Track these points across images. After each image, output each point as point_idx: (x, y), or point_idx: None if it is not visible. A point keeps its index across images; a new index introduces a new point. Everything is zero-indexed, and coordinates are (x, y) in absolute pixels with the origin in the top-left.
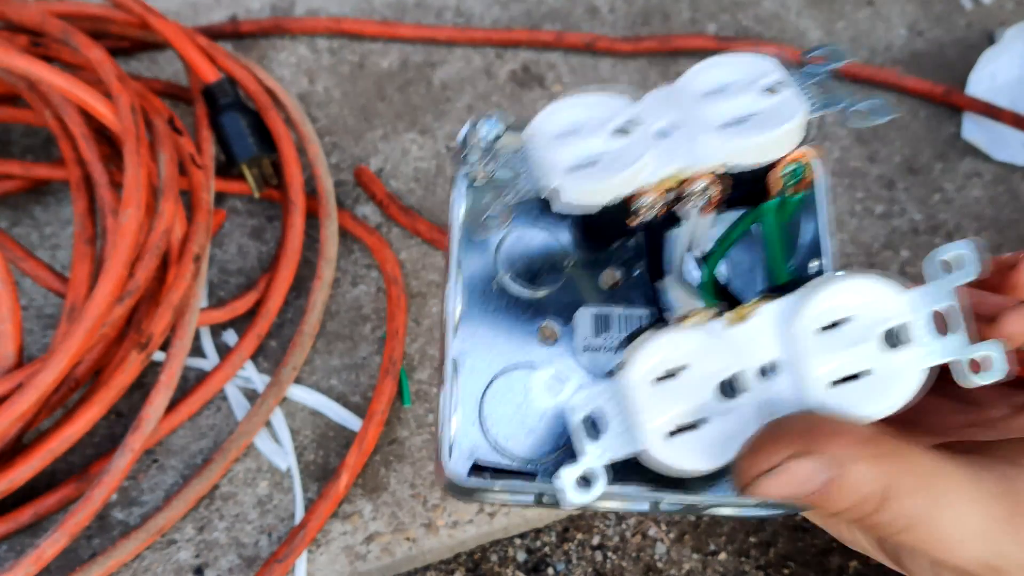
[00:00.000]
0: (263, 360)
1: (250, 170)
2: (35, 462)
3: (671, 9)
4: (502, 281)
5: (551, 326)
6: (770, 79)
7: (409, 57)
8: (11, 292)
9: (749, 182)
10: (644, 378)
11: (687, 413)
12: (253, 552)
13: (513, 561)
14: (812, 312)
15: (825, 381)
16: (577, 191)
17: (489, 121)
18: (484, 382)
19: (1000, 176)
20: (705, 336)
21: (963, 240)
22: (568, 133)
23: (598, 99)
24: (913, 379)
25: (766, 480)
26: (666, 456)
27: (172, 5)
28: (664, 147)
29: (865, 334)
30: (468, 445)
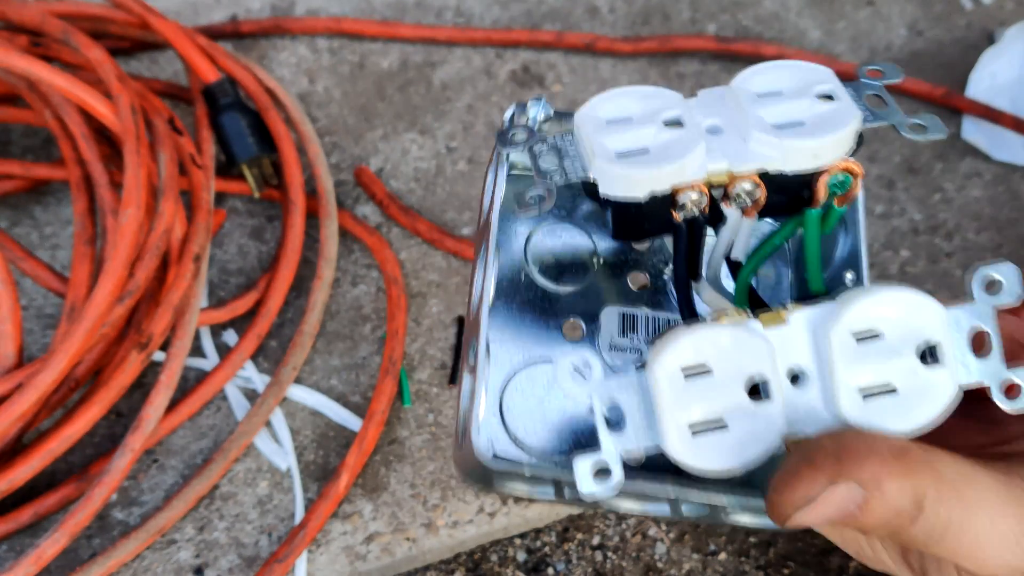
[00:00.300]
0: (263, 360)
1: (250, 170)
2: (35, 462)
3: (671, 9)
4: (530, 275)
5: (577, 323)
6: (825, 87)
7: (409, 57)
8: (11, 292)
9: (795, 188)
10: (673, 372)
11: (713, 412)
12: (253, 552)
13: (513, 561)
14: (850, 320)
15: (856, 392)
16: (625, 177)
17: (538, 102)
18: (506, 375)
19: (1000, 176)
20: (741, 334)
21: (1007, 262)
22: (619, 121)
23: (652, 91)
24: (945, 397)
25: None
26: (686, 454)
27: (172, 5)
28: (715, 143)
29: (900, 348)
30: (487, 436)
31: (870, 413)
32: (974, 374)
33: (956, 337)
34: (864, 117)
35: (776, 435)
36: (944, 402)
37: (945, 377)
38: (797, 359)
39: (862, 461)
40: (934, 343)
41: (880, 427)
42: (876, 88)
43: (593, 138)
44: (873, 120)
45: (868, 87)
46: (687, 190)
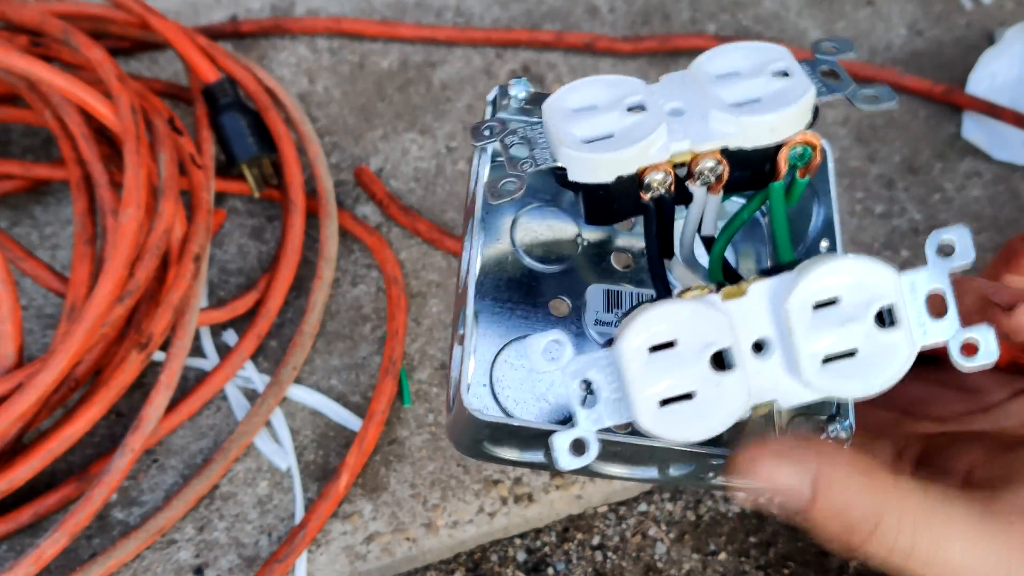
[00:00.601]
0: (263, 360)
1: (250, 170)
2: (35, 462)
3: (671, 9)
4: (517, 255)
5: (563, 301)
6: (780, 64)
7: (409, 57)
8: (11, 292)
9: (758, 162)
10: (638, 348)
11: (678, 383)
12: (253, 552)
13: (513, 561)
14: (805, 289)
15: (816, 358)
16: (592, 162)
17: (519, 82)
18: (496, 348)
19: (1000, 176)
20: (700, 308)
21: (959, 225)
22: (585, 109)
23: (616, 79)
24: (903, 358)
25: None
26: (655, 425)
27: (172, 5)
28: (677, 124)
29: (857, 313)
30: (479, 406)
31: (831, 377)
32: (932, 335)
33: (913, 300)
34: (818, 91)
35: (740, 402)
36: (902, 362)
37: (901, 338)
38: (759, 329)
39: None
40: (888, 306)
41: (841, 390)
42: (831, 63)
43: (560, 127)
44: (827, 93)
45: (823, 63)
46: (652, 171)
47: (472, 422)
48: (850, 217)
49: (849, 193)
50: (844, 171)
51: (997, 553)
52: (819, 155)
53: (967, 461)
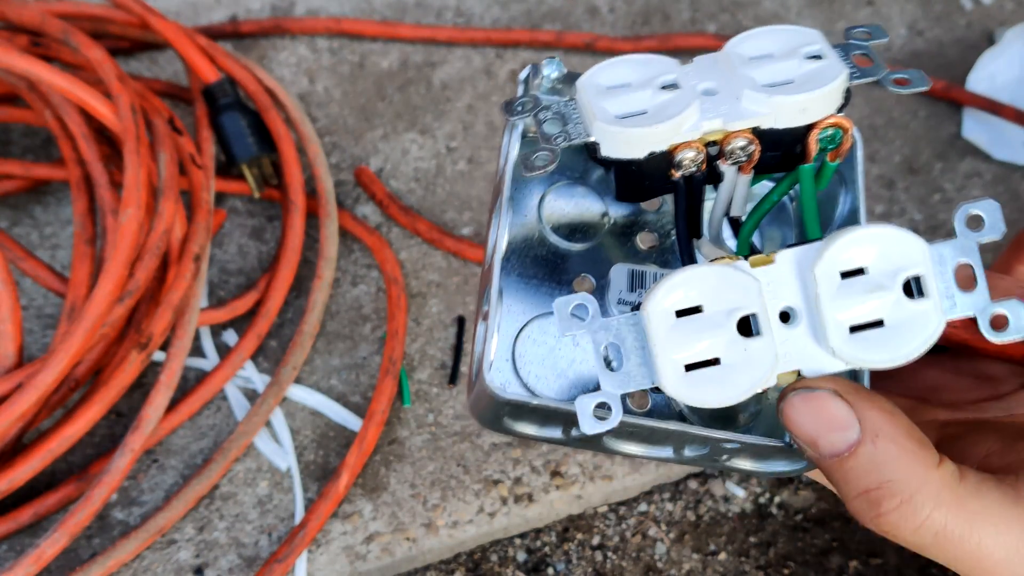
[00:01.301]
0: (263, 360)
1: (250, 170)
2: (35, 462)
3: (671, 9)
4: (543, 232)
5: (587, 279)
6: (813, 47)
7: (409, 57)
8: (11, 292)
9: (789, 143)
10: (665, 311)
11: (704, 348)
12: (253, 552)
13: (513, 561)
14: (832, 256)
15: (843, 327)
16: (624, 137)
17: (552, 62)
18: (519, 324)
19: (1000, 176)
20: (728, 272)
21: (988, 199)
22: (619, 87)
23: (649, 59)
24: (931, 328)
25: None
26: (680, 389)
27: (172, 5)
28: (710, 103)
29: (885, 282)
30: (501, 381)
31: (858, 346)
32: (960, 307)
33: (942, 272)
34: (851, 74)
35: (766, 368)
36: (931, 333)
37: (930, 308)
38: (786, 298)
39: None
40: (917, 275)
41: (869, 359)
42: (864, 48)
43: (593, 102)
44: (860, 77)
45: (856, 47)
46: (684, 148)
47: (493, 399)
48: None
49: None
50: None
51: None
52: (849, 139)
53: (983, 449)
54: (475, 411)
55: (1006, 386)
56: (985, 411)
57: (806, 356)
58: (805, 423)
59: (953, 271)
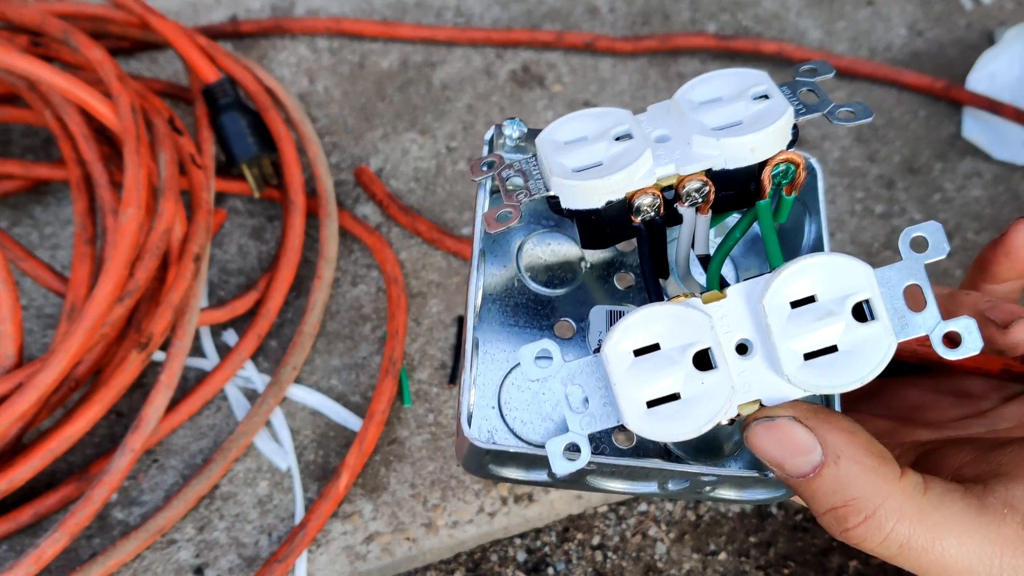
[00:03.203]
0: (263, 360)
1: (250, 170)
2: (35, 462)
3: (671, 9)
4: (522, 280)
5: (567, 323)
6: (759, 88)
7: (409, 57)
8: (11, 292)
9: (743, 182)
10: (623, 352)
11: (663, 384)
12: (253, 552)
13: (513, 561)
14: (779, 288)
15: (797, 355)
16: (581, 190)
17: (512, 122)
18: (503, 371)
19: (1000, 176)
20: (680, 310)
21: (932, 221)
22: (575, 141)
23: (603, 111)
24: (883, 350)
25: (762, 429)
26: (643, 426)
27: (172, 5)
28: (662, 150)
29: (834, 308)
30: (488, 428)
31: (813, 373)
32: (912, 328)
33: (890, 294)
34: (796, 111)
35: (724, 400)
36: (882, 355)
37: (881, 331)
38: (741, 330)
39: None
40: (865, 300)
41: (824, 385)
42: (811, 84)
43: (551, 157)
44: (806, 113)
45: (803, 84)
46: (641, 195)
47: (474, 448)
48: (850, 217)
49: (849, 193)
50: (844, 171)
51: (990, 546)
52: (803, 172)
53: (957, 460)
54: (460, 458)
55: (987, 402)
56: (966, 428)
57: (765, 385)
58: (769, 449)
59: (902, 293)
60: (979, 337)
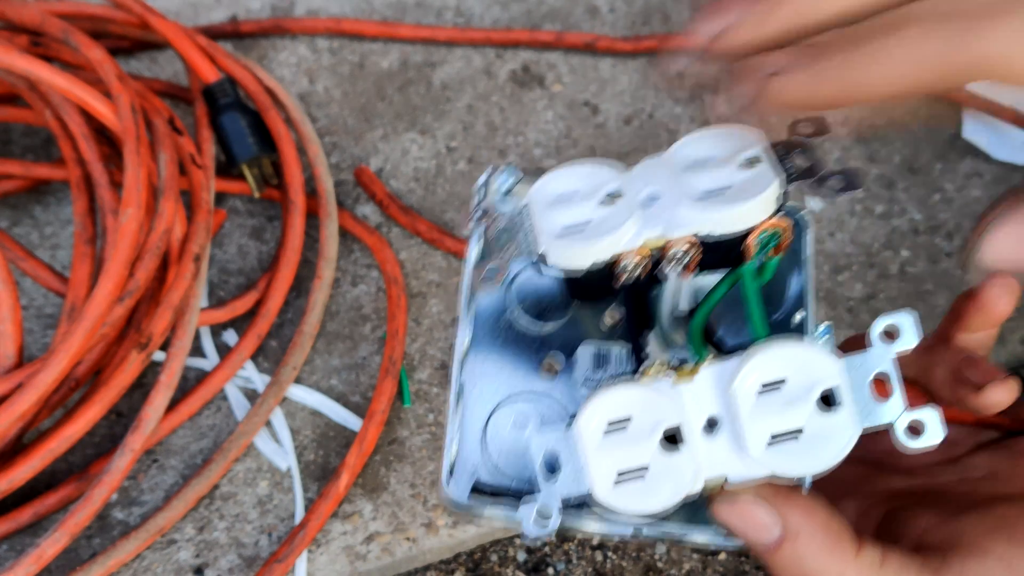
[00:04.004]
0: (263, 360)
1: (250, 170)
2: (35, 462)
3: (671, 9)
4: (512, 315)
5: (554, 360)
6: (750, 152)
7: (409, 57)
8: (11, 292)
9: (728, 247)
10: (594, 427)
11: (631, 460)
12: (253, 552)
13: (513, 561)
14: (748, 374)
15: (763, 438)
16: (565, 254)
17: (508, 168)
18: (489, 408)
19: (1000, 176)
20: (651, 391)
21: (904, 310)
22: (566, 196)
23: (596, 167)
24: (845, 440)
25: (726, 506)
26: (610, 499)
27: (172, 5)
28: (646, 215)
29: (801, 395)
30: (471, 465)
31: (777, 456)
32: (877, 416)
33: (858, 383)
34: (786, 179)
35: (689, 478)
36: (845, 443)
37: (844, 420)
38: (709, 409)
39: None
40: (833, 390)
41: (787, 469)
42: (806, 143)
43: (539, 215)
44: (796, 178)
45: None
46: (627, 257)
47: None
48: (850, 217)
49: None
50: None
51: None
52: (789, 236)
53: (922, 523)
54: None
55: (960, 448)
56: (939, 476)
57: (730, 464)
58: (732, 524)
59: (869, 382)
60: (942, 429)
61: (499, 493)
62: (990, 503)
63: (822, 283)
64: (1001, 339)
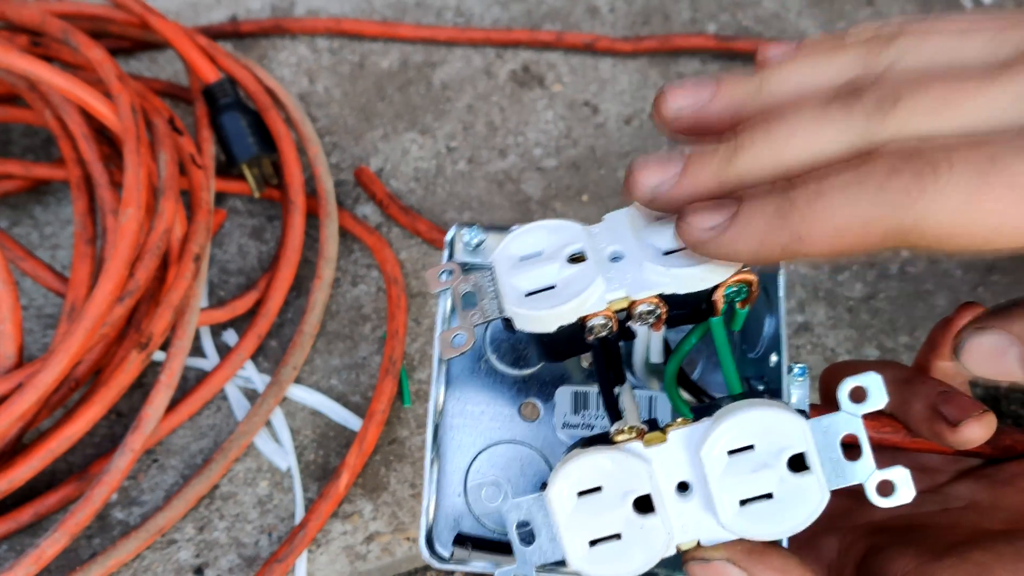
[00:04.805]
0: (263, 360)
1: (250, 170)
2: (35, 462)
3: (671, 9)
4: (489, 361)
5: (533, 404)
6: None
7: (409, 57)
8: (11, 292)
9: (695, 302)
10: (566, 495)
11: (604, 527)
12: (253, 552)
13: None
14: (717, 439)
15: (733, 501)
16: (533, 316)
17: (471, 229)
18: (470, 456)
19: None
20: (621, 457)
21: (871, 373)
22: (530, 257)
23: (558, 226)
24: (815, 501)
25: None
26: (584, 565)
27: (172, 5)
28: (612, 274)
29: (770, 460)
30: (453, 515)
31: (747, 520)
32: (847, 476)
33: (826, 444)
34: None
35: (661, 544)
36: (814, 505)
37: (813, 483)
38: (680, 473)
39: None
40: (799, 453)
41: (757, 532)
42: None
43: (505, 280)
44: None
45: None
46: (593, 317)
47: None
48: None
49: None
50: None
51: None
52: (756, 290)
53: (900, 568)
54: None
55: (941, 476)
56: (920, 505)
57: (702, 527)
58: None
59: (838, 443)
60: (911, 487)
61: (482, 541)
62: (967, 547)
63: (822, 283)
64: None
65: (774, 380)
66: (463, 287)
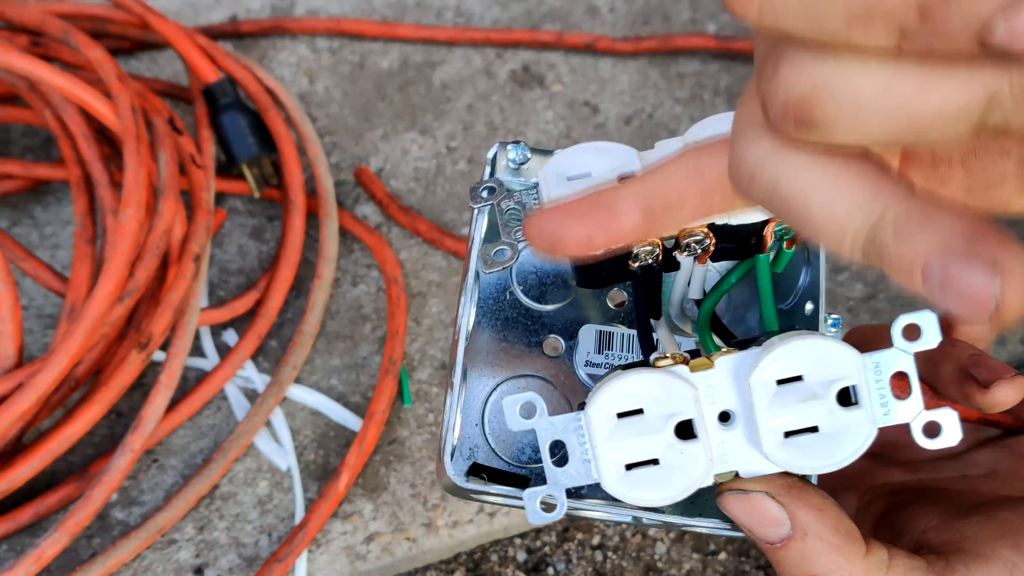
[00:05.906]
0: (263, 360)
1: (250, 170)
2: (35, 462)
3: (671, 9)
4: (514, 294)
5: (556, 340)
6: None
7: (409, 57)
8: (11, 292)
9: (744, 236)
10: (606, 415)
11: (643, 450)
12: (253, 552)
13: (513, 561)
14: (767, 366)
15: (778, 433)
16: None
17: (516, 146)
18: (490, 387)
19: None
20: (667, 379)
21: (926, 310)
22: (579, 177)
23: (610, 147)
24: (862, 437)
25: (735, 499)
26: (620, 489)
27: (172, 5)
28: None
29: (819, 391)
30: (469, 445)
31: (791, 452)
32: (894, 415)
33: (876, 381)
34: None
35: (701, 471)
36: (861, 441)
37: (862, 418)
38: (724, 401)
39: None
40: (852, 386)
41: (801, 465)
42: None
43: (552, 194)
44: None
45: None
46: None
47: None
48: None
49: None
50: None
51: None
52: None
53: (924, 523)
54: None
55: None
56: (940, 471)
57: (743, 458)
58: (741, 517)
59: (889, 380)
60: (959, 429)
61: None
62: (992, 507)
63: None
64: (1001, 340)
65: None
66: (507, 203)
